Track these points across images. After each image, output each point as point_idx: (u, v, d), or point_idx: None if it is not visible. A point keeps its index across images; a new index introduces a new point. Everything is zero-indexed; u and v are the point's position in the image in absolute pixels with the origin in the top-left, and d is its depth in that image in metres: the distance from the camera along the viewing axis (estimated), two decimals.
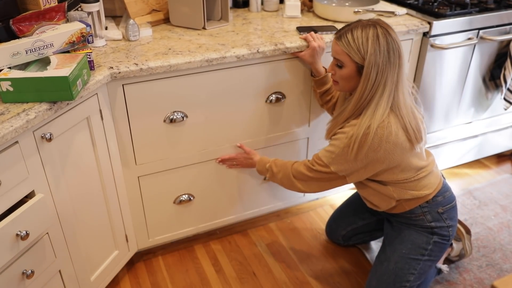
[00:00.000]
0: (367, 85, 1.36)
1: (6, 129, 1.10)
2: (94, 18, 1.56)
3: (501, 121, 2.39)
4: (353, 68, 1.38)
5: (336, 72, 1.44)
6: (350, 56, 1.36)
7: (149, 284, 1.81)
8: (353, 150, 1.38)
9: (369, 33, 1.33)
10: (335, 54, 1.41)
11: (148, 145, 1.62)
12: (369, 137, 1.36)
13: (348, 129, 1.41)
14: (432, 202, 1.53)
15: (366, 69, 1.35)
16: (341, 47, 1.37)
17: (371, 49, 1.33)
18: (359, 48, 1.34)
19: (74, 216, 1.45)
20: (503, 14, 2.02)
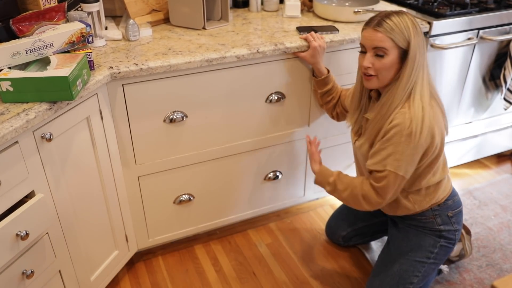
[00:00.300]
0: (414, 68, 1.34)
1: (6, 129, 1.10)
2: (94, 18, 1.56)
3: (501, 121, 2.39)
4: (396, 55, 1.34)
5: (375, 64, 1.36)
6: (395, 41, 1.32)
7: (149, 284, 1.81)
8: (415, 136, 1.33)
9: (405, 18, 1.33)
10: (375, 43, 1.33)
11: (148, 145, 1.62)
12: (426, 119, 1.34)
13: (399, 120, 1.34)
14: (443, 205, 1.54)
15: (412, 52, 1.32)
16: (384, 33, 1.31)
17: (414, 32, 1.32)
18: (403, 31, 1.31)
19: (74, 216, 1.45)
20: (503, 14, 2.02)
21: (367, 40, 1.36)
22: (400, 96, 1.36)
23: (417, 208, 1.53)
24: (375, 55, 1.36)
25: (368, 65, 1.37)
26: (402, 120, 1.33)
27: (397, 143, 1.35)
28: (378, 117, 1.41)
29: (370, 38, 1.35)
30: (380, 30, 1.32)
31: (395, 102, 1.36)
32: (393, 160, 1.36)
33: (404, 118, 1.33)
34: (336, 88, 1.73)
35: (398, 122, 1.34)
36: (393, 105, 1.37)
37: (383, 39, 1.32)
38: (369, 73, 1.38)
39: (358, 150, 1.54)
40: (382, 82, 1.39)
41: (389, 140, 1.36)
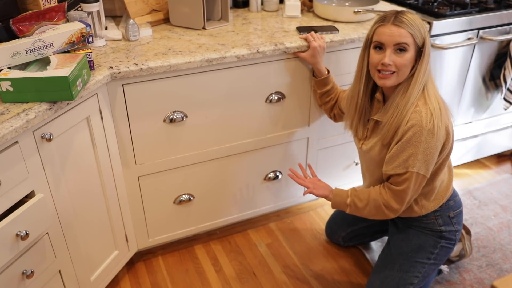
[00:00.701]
0: (427, 65, 1.34)
1: (6, 129, 1.10)
2: (94, 18, 1.56)
3: (501, 121, 2.39)
4: (414, 51, 1.33)
5: (396, 61, 1.33)
6: (414, 37, 1.31)
7: (149, 284, 1.81)
8: (438, 128, 1.32)
9: (416, 16, 1.33)
10: (399, 38, 1.31)
11: (148, 145, 1.62)
12: (443, 114, 1.34)
13: (416, 120, 1.32)
14: (445, 206, 1.54)
15: (427, 49, 1.33)
16: (406, 28, 1.30)
17: (424, 29, 1.33)
18: (419, 28, 1.32)
19: (74, 216, 1.45)
20: (503, 14, 2.02)
21: (387, 37, 1.32)
22: (416, 93, 1.34)
23: (424, 212, 1.53)
24: (396, 51, 1.33)
25: (390, 62, 1.33)
26: (419, 119, 1.31)
27: (417, 142, 1.32)
28: (394, 116, 1.37)
29: (392, 34, 1.32)
30: (402, 25, 1.30)
31: (411, 99, 1.34)
32: (415, 161, 1.34)
33: (421, 116, 1.32)
34: (335, 89, 1.72)
35: (416, 122, 1.32)
36: (409, 102, 1.35)
37: (406, 35, 1.31)
38: (390, 70, 1.34)
39: (367, 154, 1.51)
40: (401, 79, 1.36)
41: (408, 141, 1.33)
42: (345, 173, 2.14)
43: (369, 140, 1.50)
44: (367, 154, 1.51)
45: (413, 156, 1.34)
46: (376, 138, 1.46)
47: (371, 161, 1.51)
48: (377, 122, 1.46)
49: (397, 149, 1.37)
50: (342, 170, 2.13)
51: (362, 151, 1.54)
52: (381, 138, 1.43)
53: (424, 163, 1.35)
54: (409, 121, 1.33)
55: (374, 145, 1.47)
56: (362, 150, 1.53)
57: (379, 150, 1.45)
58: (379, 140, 1.44)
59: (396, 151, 1.37)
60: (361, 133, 1.54)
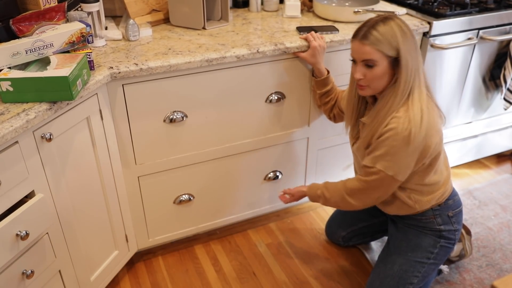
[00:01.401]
0: (408, 74, 1.34)
1: (6, 129, 1.10)
2: (94, 18, 1.56)
3: (501, 121, 2.39)
4: (386, 64, 1.34)
5: (366, 75, 1.36)
6: (383, 52, 1.32)
7: (149, 284, 1.81)
8: (414, 138, 1.33)
9: (392, 25, 1.32)
10: (363, 55, 1.34)
11: (148, 145, 1.62)
12: (424, 120, 1.34)
13: (394, 124, 1.34)
14: (444, 205, 1.54)
15: (403, 59, 1.32)
16: (371, 45, 1.32)
17: (401, 39, 1.31)
18: (390, 41, 1.31)
19: (74, 216, 1.45)
20: (503, 14, 2.02)
21: (355, 53, 1.37)
22: (397, 101, 1.36)
23: (418, 207, 1.52)
24: (365, 66, 1.36)
25: (360, 77, 1.37)
26: (397, 125, 1.34)
27: (390, 145, 1.35)
28: (374, 122, 1.41)
29: (358, 51, 1.35)
30: (366, 43, 1.32)
31: (393, 108, 1.37)
32: (384, 161, 1.38)
33: (399, 122, 1.34)
34: (335, 90, 1.73)
35: (393, 127, 1.34)
36: (390, 110, 1.37)
37: (371, 52, 1.32)
38: (361, 84, 1.39)
39: (355, 154, 1.57)
40: (376, 90, 1.40)
41: (383, 141, 1.37)
42: (345, 173, 2.14)
43: (359, 141, 1.53)
44: (355, 153, 1.57)
45: (382, 156, 1.38)
46: (361, 140, 1.50)
47: (358, 161, 1.56)
48: (364, 124, 1.49)
49: (373, 146, 1.41)
50: (342, 170, 2.13)
51: (353, 150, 1.59)
52: (363, 140, 1.47)
53: (393, 166, 1.37)
54: (388, 124, 1.36)
55: (360, 147, 1.50)
56: (353, 149, 1.58)
57: (363, 151, 1.49)
58: (362, 142, 1.48)
59: (372, 148, 1.42)
60: (352, 133, 1.58)
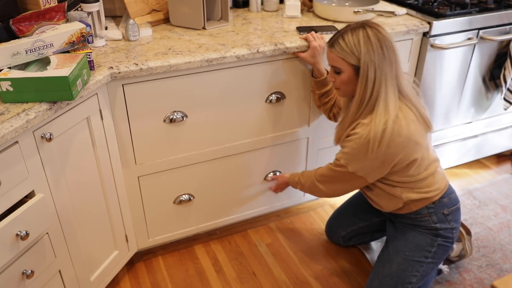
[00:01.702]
0: (367, 84, 1.39)
1: (6, 129, 1.11)
2: (94, 18, 1.56)
3: (501, 121, 2.39)
4: (351, 72, 1.42)
5: (336, 79, 1.47)
6: (346, 60, 1.40)
7: (149, 284, 1.81)
8: (372, 149, 1.39)
9: (359, 34, 1.38)
10: (331, 62, 1.45)
11: (148, 145, 1.62)
12: (386, 133, 1.37)
13: (359, 129, 1.41)
14: (438, 203, 1.54)
15: (362, 69, 1.38)
16: (335, 53, 1.42)
17: (364, 49, 1.37)
18: (353, 50, 1.38)
19: (74, 216, 1.45)
20: (503, 14, 2.02)
21: (327, 58, 1.48)
22: (354, 111, 1.43)
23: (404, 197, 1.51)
24: (334, 72, 1.47)
25: (331, 79, 1.49)
26: (360, 131, 1.41)
27: (352, 147, 1.43)
28: (341, 125, 1.53)
29: (328, 57, 1.47)
30: (332, 50, 1.43)
31: (350, 118, 1.46)
32: (346, 158, 1.46)
33: (363, 129, 1.40)
34: (334, 90, 1.73)
35: (357, 131, 1.42)
36: (355, 116, 1.44)
37: (336, 59, 1.43)
38: (335, 86, 1.50)
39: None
40: (346, 94, 1.49)
41: (348, 141, 1.45)
42: None
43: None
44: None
45: (345, 154, 1.47)
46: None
47: None
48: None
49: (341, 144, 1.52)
50: None
51: None
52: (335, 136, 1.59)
53: (354, 164, 1.45)
54: (354, 128, 1.44)
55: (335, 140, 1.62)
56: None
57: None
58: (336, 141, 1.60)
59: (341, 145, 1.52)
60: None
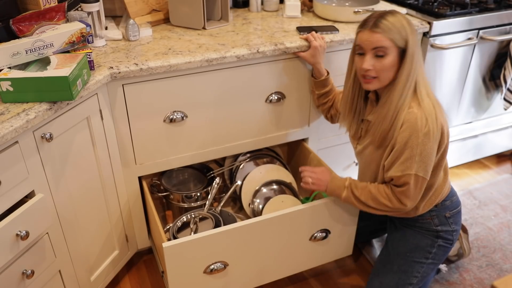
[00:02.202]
0: (412, 67, 1.33)
1: (6, 129, 1.10)
2: (94, 18, 1.56)
3: (501, 121, 2.39)
4: (396, 54, 1.33)
5: (375, 66, 1.34)
6: (394, 41, 1.31)
7: (149, 284, 1.81)
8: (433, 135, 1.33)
9: (400, 17, 1.32)
10: (375, 43, 1.32)
11: (148, 145, 1.62)
12: (438, 115, 1.34)
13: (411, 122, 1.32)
14: (440, 206, 1.54)
15: (410, 50, 1.32)
16: (382, 33, 1.30)
17: (410, 30, 1.32)
18: (400, 30, 1.31)
19: (74, 216, 1.45)
20: (503, 14, 2.02)
21: (365, 42, 1.34)
22: (400, 95, 1.34)
23: (417, 213, 1.52)
24: (375, 56, 1.34)
25: (369, 67, 1.35)
26: (414, 122, 1.32)
27: (414, 145, 1.33)
28: (380, 118, 1.39)
29: (369, 40, 1.33)
30: (378, 31, 1.31)
31: (395, 102, 1.35)
32: (412, 163, 1.35)
33: (416, 118, 1.32)
34: (333, 91, 1.73)
35: (410, 125, 1.32)
36: (393, 105, 1.35)
37: (382, 39, 1.31)
38: (370, 75, 1.36)
39: (361, 153, 1.53)
40: (383, 83, 1.38)
41: (405, 144, 1.34)
42: (345, 173, 2.14)
43: (363, 140, 1.51)
44: (361, 153, 1.53)
45: (410, 159, 1.35)
46: (369, 139, 1.47)
47: (364, 161, 1.53)
48: (369, 122, 1.47)
49: (395, 154, 1.38)
50: (342, 170, 2.13)
51: (356, 151, 1.56)
52: (372, 140, 1.45)
53: (422, 165, 1.36)
54: (403, 124, 1.34)
55: (367, 145, 1.48)
56: (357, 151, 1.55)
57: (372, 150, 1.47)
58: (371, 142, 1.46)
59: (394, 156, 1.38)
60: (354, 133, 1.55)
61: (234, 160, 1.95)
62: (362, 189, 1.46)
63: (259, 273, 1.59)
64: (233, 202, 2.03)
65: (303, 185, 1.55)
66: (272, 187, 1.86)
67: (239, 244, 1.48)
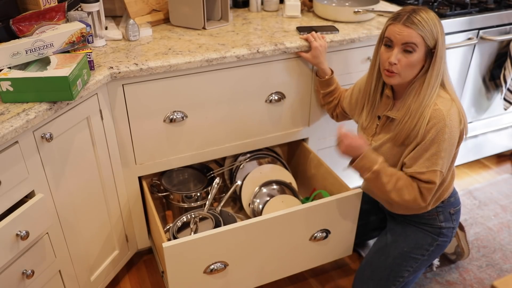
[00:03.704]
0: (441, 66, 1.34)
1: (6, 129, 1.10)
2: (94, 18, 1.56)
3: (501, 121, 2.39)
4: (423, 52, 1.32)
5: (401, 61, 1.33)
6: (424, 39, 1.30)
7: (149, 284, 1.81)
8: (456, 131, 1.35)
9: (432, 15, 1.32)
10: (408, 38, 1.30)
11: (148, 145, 1.62)
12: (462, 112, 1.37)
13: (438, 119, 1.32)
14: (446, 202, 1.55)
15: (440, 50, 1.32)
16: (415, 29, 1.29)
17: (440, 30, 1.32)
18: (432, 29, 1.30)
19: (74, 216, 1.45)
20: (503, 14, 2.02)
21: (397, 36, 1.32)
22: (428, 95, 1.34)
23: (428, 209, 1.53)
24: (403, 51, 1.33)
25: (395, 61, 1.34)
26: (441, 118, 1.32)
27: (441, 140, 1.33)
28: (405, 119, 1.38)
29: (401, 33, 1.32)
30: (411, 26, 1.30)
31: (425, 102, 1.34)
32: (438, 159, 1.35)
33: (443, 114, 1.32)
34: (338, 89, 1.72)
35: (438, 120, 1.32)
36: (422, 104, 1.35)
37: (414, 36, 1.30)
38: (393, 69, 1.35)
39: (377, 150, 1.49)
40: (404, 79, 1.37)
41: (432, 140, 1.34)
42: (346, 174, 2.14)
43: (378, 136, 1.49)
44: (377, 150, 1.49)
45: (436, 154, 1.35)
46: (387, 135, 1.46)
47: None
48: (388, 119, 1.46)
49: (420, 150, 1.37)
50: (342, 170, 2.12)
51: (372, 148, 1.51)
52: (393, 137, 1.43)
53: (446, 162, 1.38)
54: (430, 120, 1.34)
55: (385, 142, 1.46)
56: (372, 147, 1.51)
57: (390, 147, 1.45)
58: (391, 139, 1.44)
59: (419, 152, 1.37)
60: (367, 126, 1.54)
61: (234, 160, 1.95)
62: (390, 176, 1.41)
63: (259, 273, 1.59)
64: (233, 202, 2.03)
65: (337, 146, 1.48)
66: (272, 187, 1.86)
67: (239, 244, 1.48)
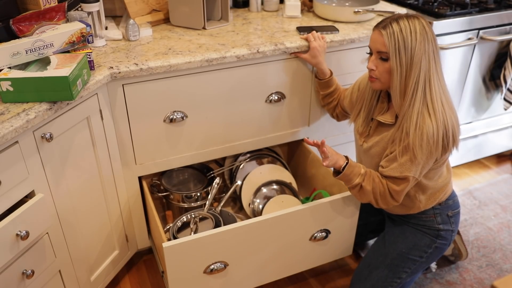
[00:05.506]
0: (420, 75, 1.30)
1: (6, 129, 1.11)
2: (94, 18, 1.56)
3: (501, 121, 2.39)
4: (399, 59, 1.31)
5: (378, 67, 1.35)
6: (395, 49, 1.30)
7: (149, 284, 1.81)
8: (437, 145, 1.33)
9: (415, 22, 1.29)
10: (380, 46, 1.32)
11: (148, 145, 1.62)
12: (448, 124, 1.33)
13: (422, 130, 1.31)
14: (444, 204, 1.55)
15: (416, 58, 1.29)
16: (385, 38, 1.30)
17: (420, 37, 1.28)
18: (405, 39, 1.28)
19: (74, 216, 1.45)
20: (503, 14, 2.03)
21: (372, 42, 1.35)
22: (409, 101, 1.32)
23: (422, 208, 1.53)
24: (379, 58, 1.34)
25: (372, 68, 1.36)
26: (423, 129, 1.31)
27: (418, 152, 1.33)
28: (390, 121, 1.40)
29: (375, 41, 1.34)
30: (383, 34, 1.30)
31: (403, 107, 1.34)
32: (412, 166, 1.35)
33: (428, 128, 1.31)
34: (338, 90, 1.72)
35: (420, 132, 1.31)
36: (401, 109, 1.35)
37: (385, 44, 1.31)
38: (371, 75, 1.37)
39: (367, 151, 1.51)
40: (385, 85, 1.38)
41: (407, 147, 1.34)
42: None
43: (370, 139, 1.50)
44: (367, 151, 1.51)
45: (411, 161, 1.35)
46: (377, 138, 1.46)
47: (369, 159, 1.52)
48: (380, 123, 1.46)
49: (398, 153, 1.37)
50: None
51: (362, 148, 1.54)
52: (380, 140, 1.45)
53: (420, 169, 1.37)
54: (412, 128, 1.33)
55: (375, 145, 1.47)
56: (363, 148, 1.54)
57: (380, 151, 1.46)
58: (382, 143, 1.45)
59: (394, 155, 1.38)
60: (362, 130, 1.54)
61: (234, 160, 1.95)
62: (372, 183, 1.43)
63: (259, 273, 1.59)
64: (233, 202, 2.03)
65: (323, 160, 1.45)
66: (272, 187, 1.86)
67: (239, 244, 1.48)
